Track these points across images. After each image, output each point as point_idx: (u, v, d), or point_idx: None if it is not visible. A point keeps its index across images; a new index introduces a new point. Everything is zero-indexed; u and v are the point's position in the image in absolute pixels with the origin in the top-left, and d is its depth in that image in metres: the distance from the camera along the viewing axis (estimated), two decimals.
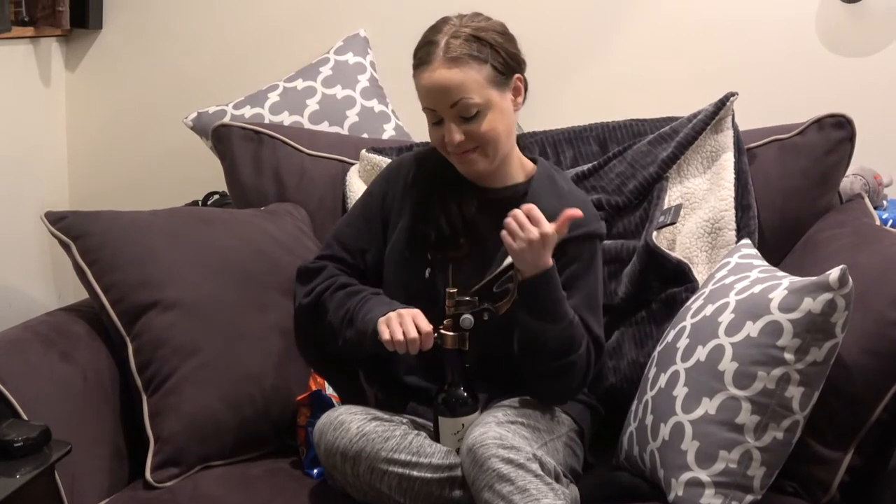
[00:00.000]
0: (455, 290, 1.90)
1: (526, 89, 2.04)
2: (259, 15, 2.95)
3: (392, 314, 1.90)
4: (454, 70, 1.92)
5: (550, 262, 1.88)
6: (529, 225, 1.83)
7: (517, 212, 1.85)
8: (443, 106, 1.94)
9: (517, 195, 2.06)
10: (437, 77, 1.93)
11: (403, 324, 1.88)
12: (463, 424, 1.87)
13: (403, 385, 2.08)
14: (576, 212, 1.86)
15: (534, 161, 2.13)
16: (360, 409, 1.90)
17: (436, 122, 1.98)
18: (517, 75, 2.00)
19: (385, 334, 1.88)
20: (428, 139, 2.41)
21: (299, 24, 2.92)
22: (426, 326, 1.88)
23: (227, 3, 2.97)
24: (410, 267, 2.06)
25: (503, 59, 1.96)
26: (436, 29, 1.97)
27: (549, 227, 1.83)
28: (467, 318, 1.86)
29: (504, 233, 1.85)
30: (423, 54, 1.95)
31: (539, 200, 1.96)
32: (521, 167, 2.10)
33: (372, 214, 2.14)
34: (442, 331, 1.88)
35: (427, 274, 2.02)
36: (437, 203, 2.07)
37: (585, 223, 2.02)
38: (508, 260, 1.92)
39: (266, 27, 2.94)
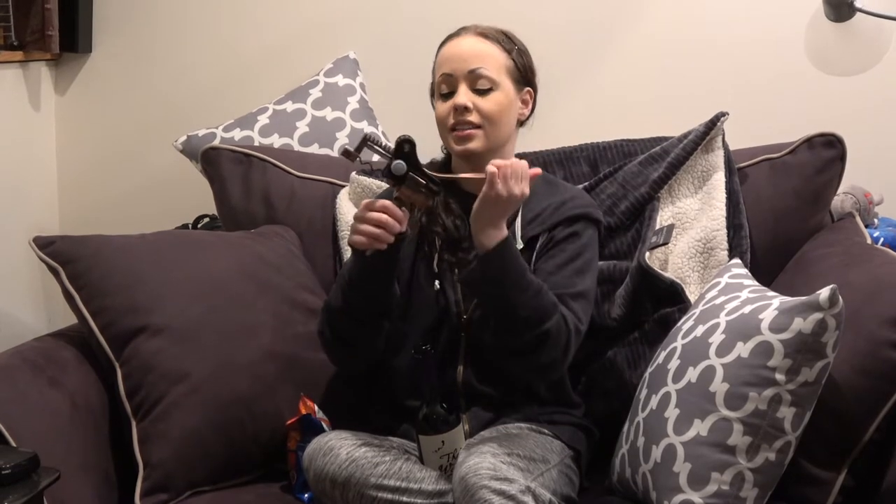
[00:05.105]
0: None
1: (533, 107, 2.11)
2: (248, 38, 2.94)
3: (351, 225, 1.93)
4: (484, 42, 2.05)
5: (506, 231, 1.90)
6: (514, 181, 1.86)
7: (507, 163, 1.86)
8: (462, 70, 2.03)
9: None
10: (465, 43, 2.06)
11: (365, 219, 1.89)
12: (443, 441, 1.86)
13: (402, 407, 2.06)
14: (538, 171, 1.92)
15: None
16: (350, 435, 1.89)
17: (447, 93, 2.05)
18: (528, 89, 2.09)
19: (356, 241, 1.90)
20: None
21: (289, 46, 2.92)
22: (379, 205, 1.88)
23: (215, 26, 2.97)
24: (418, 279, 2.07)
25: (523, 64, 2.07)
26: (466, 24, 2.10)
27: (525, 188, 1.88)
28: (399, 164, 1.86)
29: (492, 169, 1.85)
30: (454, 33, 2.08)
31: (536, 198, 2.03)
32: None
33: None
34: (396, 195, 1.89)
35: (436, 285, 2.04)
36: (441, 207, 2.08)
37: (581, 206, 2.08)
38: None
39: (256, 50, 2.94)
